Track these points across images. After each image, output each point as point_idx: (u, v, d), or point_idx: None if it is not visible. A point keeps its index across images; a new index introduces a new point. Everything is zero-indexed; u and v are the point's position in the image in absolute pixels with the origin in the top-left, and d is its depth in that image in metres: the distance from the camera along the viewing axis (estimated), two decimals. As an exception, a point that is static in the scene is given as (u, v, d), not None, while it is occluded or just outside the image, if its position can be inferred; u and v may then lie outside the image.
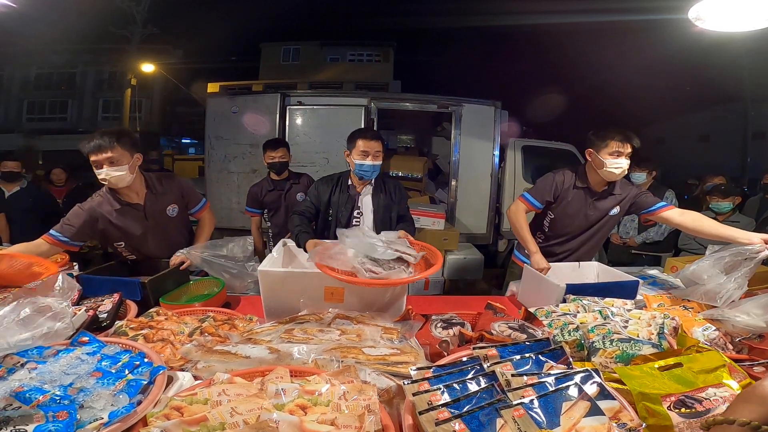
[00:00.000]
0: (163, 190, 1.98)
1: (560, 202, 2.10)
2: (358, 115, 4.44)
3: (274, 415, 0.72)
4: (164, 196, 1.99)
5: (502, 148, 4.83)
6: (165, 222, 1.99)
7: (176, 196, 2.04)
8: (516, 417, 0.74)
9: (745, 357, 1.16)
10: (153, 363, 0.98)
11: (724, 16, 1.71)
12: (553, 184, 2.09)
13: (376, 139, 2.06)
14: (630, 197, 2.06)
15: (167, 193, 2.00)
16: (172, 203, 2.02)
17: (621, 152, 1.92)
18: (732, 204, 3.09)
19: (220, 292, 1.64)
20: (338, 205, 2.13)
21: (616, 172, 1.93)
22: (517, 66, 15.43)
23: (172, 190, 2.03)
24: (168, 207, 2.00)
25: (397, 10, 14.16)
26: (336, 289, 1.44)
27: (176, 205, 2.03)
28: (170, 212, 2.01)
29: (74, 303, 1.44)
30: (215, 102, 4.75)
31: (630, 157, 1.95)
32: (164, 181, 2.02)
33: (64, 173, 4.36)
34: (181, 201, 2.06)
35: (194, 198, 2.13)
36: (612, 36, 9.97)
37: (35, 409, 0.74)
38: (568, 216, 2.10)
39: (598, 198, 2.05)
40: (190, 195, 2.11)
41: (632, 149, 1.95)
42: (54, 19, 10.86)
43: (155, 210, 1.95)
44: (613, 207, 2.06)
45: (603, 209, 2.06)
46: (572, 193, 2.07)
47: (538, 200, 2.11)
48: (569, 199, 2.08)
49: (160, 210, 1.97)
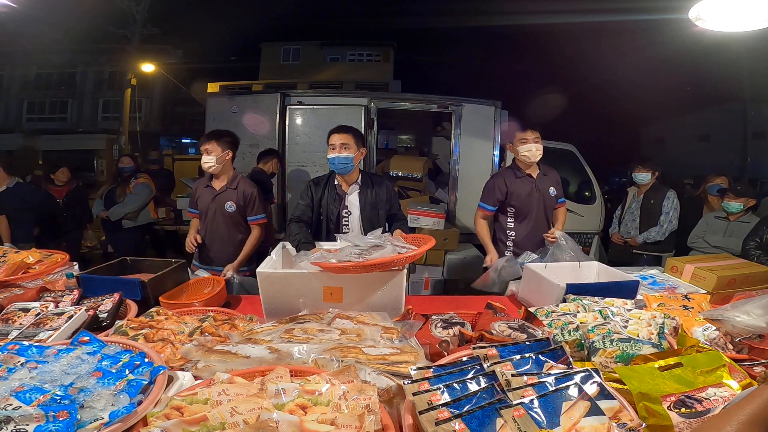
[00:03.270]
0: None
1: (512, 194, 2.47)
2: (358, 115, 4.44)
3: (274, 415, 0.72)
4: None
5: (502, 148, 4.82)
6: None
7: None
8: (516, 417, 0.74)
9: (745, 357, 1.16)
10: (153, 363, 0.98)
11: (724, 16, 1.71)
12: (494, 185, 2.49)
13: (341, 132, 2.12)
14: (556, 180, 2.55)
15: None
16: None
17: (527, 139, 2.39)
18: (743, 205, 3.09)
19: (219, 291, 1.64)
20: (327, 205, 2.16)
21: (529, 156, 2.39)
22: (517, 66, 15.41)
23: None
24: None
25: (397, 10, 14.16)
26: (335, 288, 1.44)
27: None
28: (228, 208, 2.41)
29: (74, 303, 1.44)
30: (215, 102, 4.75)
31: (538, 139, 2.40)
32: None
33: (68, 172, 4.35)
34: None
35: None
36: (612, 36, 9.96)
37: (35, 408, 0.74)
38: (524, 199, 2.46)
39: (539, 179, 2.48)
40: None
41: (538, 134, 2.40)
42: (54, 19, 10.85)
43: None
44: (550, 187, 2.50)
45: (545, 188, 2.49)
46: (515, 182, 2.47)
47: (490, 204, 2.51)
48: (517, 186, 2.46)
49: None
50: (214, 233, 2.44)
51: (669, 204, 3.48)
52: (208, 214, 2.44)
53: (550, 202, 2.53)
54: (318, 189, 2.19)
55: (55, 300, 1.45)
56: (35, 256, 1.81)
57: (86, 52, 15.71)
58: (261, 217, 2.49)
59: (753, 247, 2.61)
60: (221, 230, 2.43)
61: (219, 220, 2.43)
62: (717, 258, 2.08)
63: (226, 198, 2.42)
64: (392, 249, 1.41)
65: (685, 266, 1.95)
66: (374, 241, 1.50)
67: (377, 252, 1.40)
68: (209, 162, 2.35)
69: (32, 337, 1.18)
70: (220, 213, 2.42)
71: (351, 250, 1.43)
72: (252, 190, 2.47)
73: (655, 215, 3.52)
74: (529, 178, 2.47)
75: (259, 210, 2.49)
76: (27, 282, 1.67)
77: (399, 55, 17.08)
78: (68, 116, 16.87)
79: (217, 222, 2.43)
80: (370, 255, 1.39)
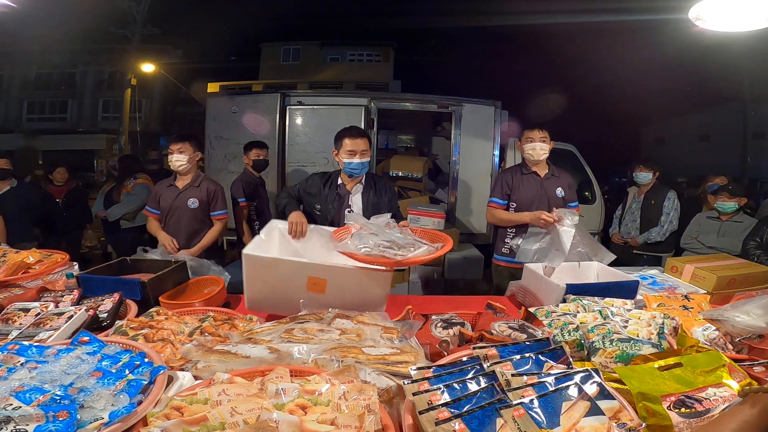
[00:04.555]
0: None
1: (516, 189, 2.48)
2: (358, 115, 4.44)
3: (274, 415, 0.72)
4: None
5: (502, 148, 4.83)
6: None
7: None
8: (516, 417, 0.74)
9: (745, 357, 1.16)
10: (153, 363, 0.97)
11: (724, 16, 1.71)
12: (502, 179, 2.53)
13: (362, 137, 2.12)
14: (568, 183, 2.53)
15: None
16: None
17: (533, 138, 2.41)
18: (737, 204, 3.09)
19: (219, 291, 1.64)
20: (327, 202, 2.18)
21: (533, 154, 2.43)
22: (517, 66, 15.42)
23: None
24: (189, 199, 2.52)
25: (397, 10, 14.15)
26: (319, 280, 1.44)
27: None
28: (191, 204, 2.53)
29: (74, 303, 1.44)
30: (215, 102, 4.75)
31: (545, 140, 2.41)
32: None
33: (66, 173, 4.36)
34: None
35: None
36: (612, 36, 9.96)
37: (35, 408, 0.74)
38: (527, 196, 2.45)
39: (546, 179, 2.48)
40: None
41: (547, 134, 2.42)
42: (54, 19, 10.85)
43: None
44: (557, 188, 2.48)
45: (551, 189, 2.47)
46: (521, 178, 2.49)
47: (500, 198, 2.51)
48: (522, 184, 2.48)
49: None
50: (178, 229, 2.55)
51: (669, 204, 3.48)
52: (170, 211, 2.56)
53: (556, 203, 2.41)
54: (317, 182, 2.22)
55: (55, 300, 1.45)
56: (35, 256, 1.81)
57: (86, 52, 15.71)
58: (223, 213, 2.64)
59: (753, 247, 2.61)
60: (184, 225, 2.54)
61: (182, 216, 2.55)
62: (717, 258, 2.08)
63: (189, 195, 2.56)
64: (427, 249, 1.43)
65: (685, 266, 1.96)
66: (398, 236, 1.48)
67: (414, 250, 1.41)
68: (181, 161, 2.48)
69: (32, 337, 1.18)
70: (182, 209, 2.54)
71: (374, 240, 1.42)
72: (215, 187, 2.63)
73: (655, 215, 3.52)
74: (535, 176, 2.48)
75: (222, 206, 2.64)
76: (27, 282, 1.67)
77: (399, 55, 17.09)
78: (68, 116, 16.88)
79: (180, 218, 2.55)
80: (409, 252, 1.40)
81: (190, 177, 2.58)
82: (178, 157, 2.48)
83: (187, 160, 2.49)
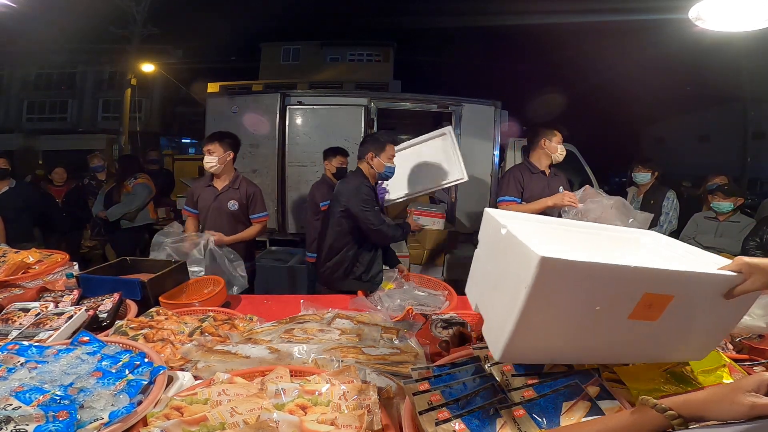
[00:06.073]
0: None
1: (527, 189, 2.51)
2: (358, 115, 4.43)
3: (274, 415, 0.72)
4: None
5: (502, 147, 4.82)
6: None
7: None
8: (516, 417, 0.74)
9: (745, 357, 1.16)
10: (153, 363, 0.97)
11: (724, 16, 1.70)
12: (514, 177, 2.53)
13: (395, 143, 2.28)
14: (567, 181, 2.61)
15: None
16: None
17: (559, 139, 2.50)
18: (733, 204, 3.09)
19: (219, 291, 1.64)
20: (378, 206, 2.29)
21: (562, 154, 2.52)
22: (517, 66, 15.44)
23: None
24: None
25: (397, 10, 14.18)
26: (660, 298, 0.79)
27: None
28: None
29: (74, 303, 1.44)
30: (215, 102, 4.74)
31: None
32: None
33: (65, 173, 4.36)
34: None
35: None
36: (612, 36, 9.97)
37: (35, 408, 0.74)
38: (537, 195, 2.46)
39: (551, 178, 2.55)
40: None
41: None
42: (54, 19, 10.86)
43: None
44: (559, 185, 2.53)
45: (555, 187, 2.52)
46: (531, 177, 2.53)
47: (515, 196, 2.50)
48: (532, 183, 2.52)
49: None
50: (216, 230, 2.48)
51: (669, 204, 3.48)
52: (210, 213, 2.51)
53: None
54: (373, 194, 2.26)
55: (55, 300, 1.45)
56: (35, 256, 1.81)
57: (86, 52, 15.70)
58: (263, 215, 2.60)
59: (753, 247, 2.61)
60: (224, 227, 2.49)
61: (222, 217, 2.50)
62: (717, 258, 2.07)
63: (228, 197, 2.50)
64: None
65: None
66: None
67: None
68: (211, 162, 2.43)
69: (32, 337, 1.18)
70: (222, 211, 2.49)
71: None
72: (254, 190, 2.57)
73: (655, 216, 3.52)
74: (542, 175, 2.54)
75: (261, 208, 2.59)
76: (27, 282, 1.67)
77: (399, 55, 17.10)
78: (68, 116, 16.88)
79: (220, 219, 2.50)
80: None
81: (228, 178, 2.52)
82: (208, 159, 2.43)
83: (217, 161, 2.43)
